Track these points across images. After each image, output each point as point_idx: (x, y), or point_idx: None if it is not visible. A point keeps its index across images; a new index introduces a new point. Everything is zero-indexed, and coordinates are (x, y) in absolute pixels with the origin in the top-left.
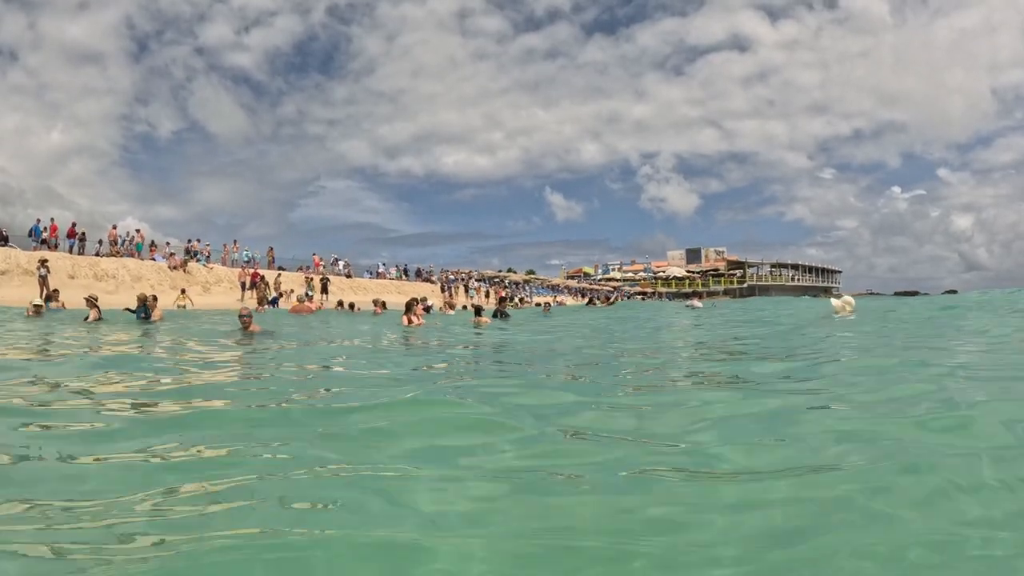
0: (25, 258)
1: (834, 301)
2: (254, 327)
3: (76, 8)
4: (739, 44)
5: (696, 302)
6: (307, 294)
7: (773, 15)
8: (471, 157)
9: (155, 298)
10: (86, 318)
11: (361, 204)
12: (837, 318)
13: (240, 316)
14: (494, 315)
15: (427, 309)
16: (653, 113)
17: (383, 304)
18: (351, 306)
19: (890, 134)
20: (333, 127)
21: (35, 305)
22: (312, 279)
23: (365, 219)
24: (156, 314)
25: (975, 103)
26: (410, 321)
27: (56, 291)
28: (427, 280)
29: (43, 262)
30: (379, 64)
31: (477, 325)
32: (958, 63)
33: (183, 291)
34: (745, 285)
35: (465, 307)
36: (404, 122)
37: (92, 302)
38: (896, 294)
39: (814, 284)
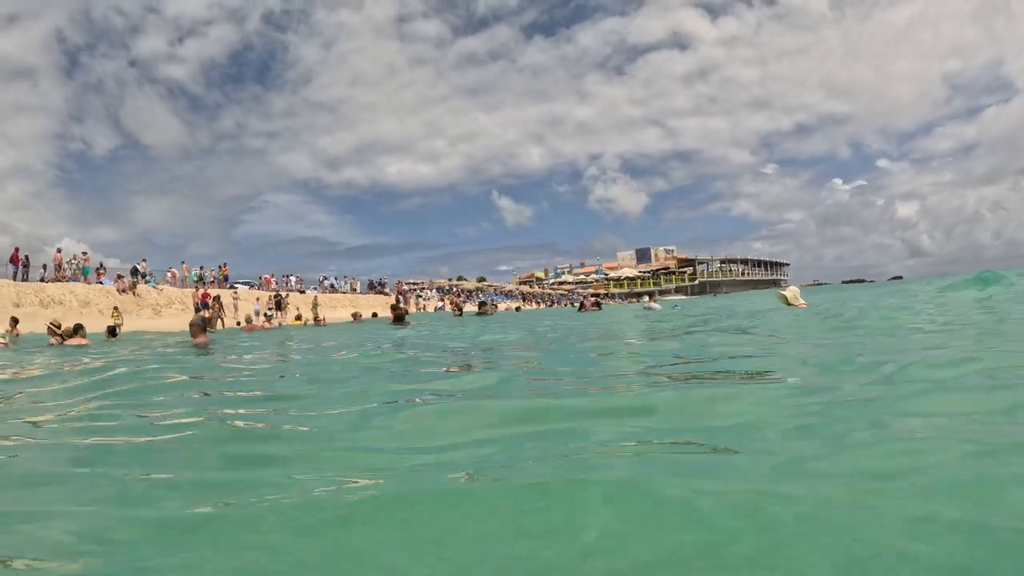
0: None
1: (786, 293)
2: (202, 339)
3: (4, 21)
4: (679, 42)
5: (653, 304)
6: (266, 314)
7: (713, 12)
8: (414, 166)
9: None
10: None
11: (306, 218)
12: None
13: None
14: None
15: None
16: (596, 114)
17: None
18: (298, 318)
19: (830, 127)
20: (273, 140)
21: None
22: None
23: (311, 233)
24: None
25: (921, 92)
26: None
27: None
28: (380, 292)
29: None
30: (316, 73)
31: None
32: (899, 54)
33: (116, 308)
34: (696, 282)
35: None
36: (344, 132)
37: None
38: (843, 282)
39: (764, 277)
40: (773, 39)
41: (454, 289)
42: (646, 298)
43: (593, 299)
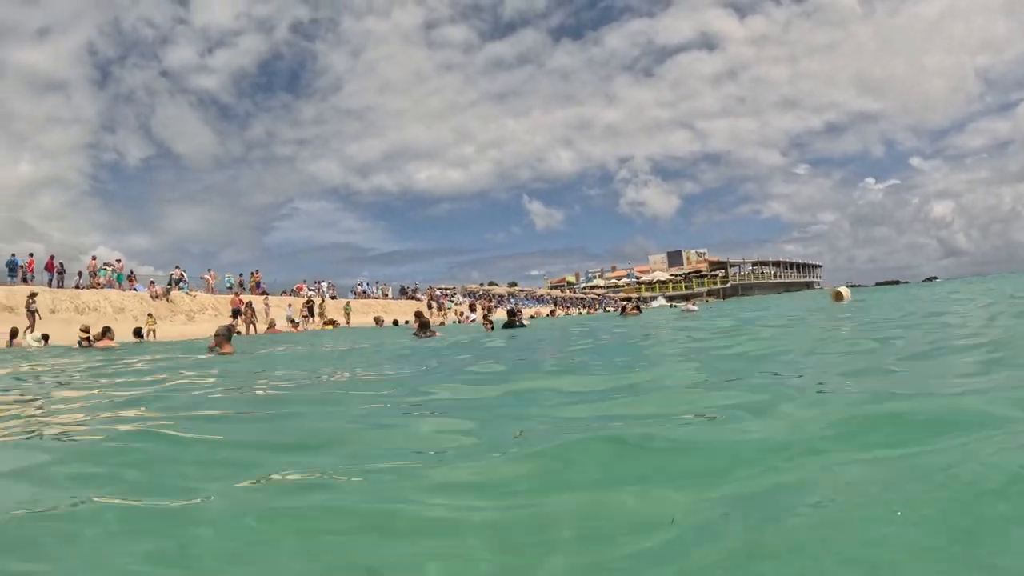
0: (3, 293)
1: (841, 290)
2: (227, 349)
3: (36, 35)
4: (708, 43)
5: (691, 306)
6: (294, 321)
7: (741, 11)
8: (444, 172)
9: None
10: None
11: (337, 225)
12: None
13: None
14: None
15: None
16: (624, 117)
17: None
18: (328, 323)
19: (862, 125)
20: (303, 147)
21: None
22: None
23: (343, 239)
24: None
25: (954, 87)
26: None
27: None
28: (412, 297)
29: (33, 296)
30: (345, 81)
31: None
32: (930, 48)
33: (149, 315)
34: (728, 285)
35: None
36: (373, 139)
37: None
38: (877, 284)
39: (796, 280)
40: (802, 36)
41: (486, 294)
42: (683, 302)
43: (634, 303)
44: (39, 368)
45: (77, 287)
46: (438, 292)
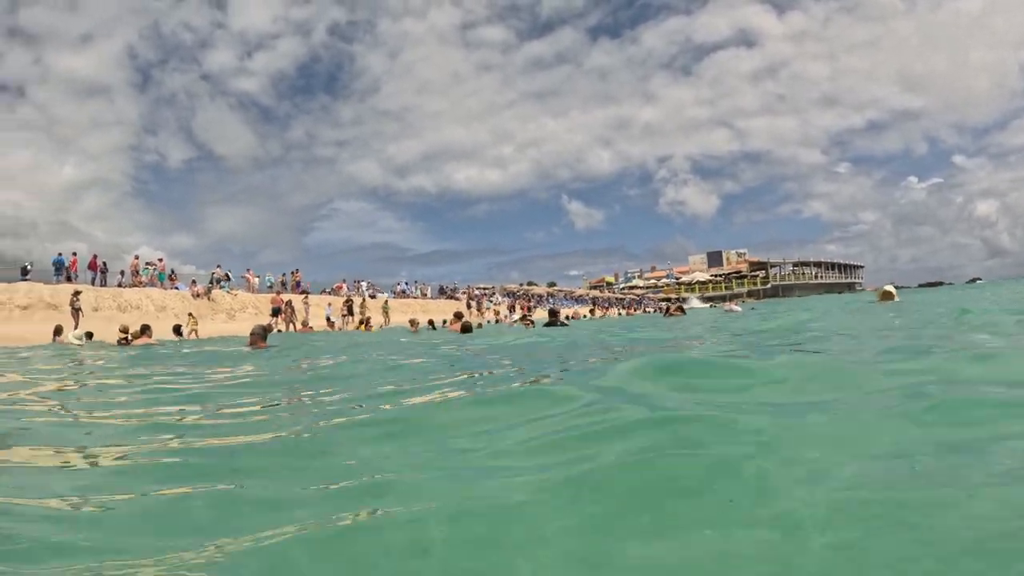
0: (48, 292)
1: (890, 289)
2: (261, 346)
3: (79, 41)
4: (746, 39)
5: (734, 306)
6: (330, 320)
7: (779, 7)
8: (482, 172)
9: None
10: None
11: (376, 225)
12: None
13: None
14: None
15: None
16: (663, 116)
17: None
18: (361, 323)
19: (904, 123)
20: (342, 148)
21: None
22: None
23: (382, 239)
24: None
25: (997, 83)
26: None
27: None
28: (451, 297)
29: (77, 294)
30: (383, 82)
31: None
32: (973, 44)
33: (190, 314)
34: (768, 286)
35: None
36: (412, 140)
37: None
38: (920, 286)
39: (838, 280)
40: (842, 32)
41: (525, 294)
42: (723, 303)
43: (676, 304)
44: (75, 360)
45: (119, 286)
46: (477, 292)
